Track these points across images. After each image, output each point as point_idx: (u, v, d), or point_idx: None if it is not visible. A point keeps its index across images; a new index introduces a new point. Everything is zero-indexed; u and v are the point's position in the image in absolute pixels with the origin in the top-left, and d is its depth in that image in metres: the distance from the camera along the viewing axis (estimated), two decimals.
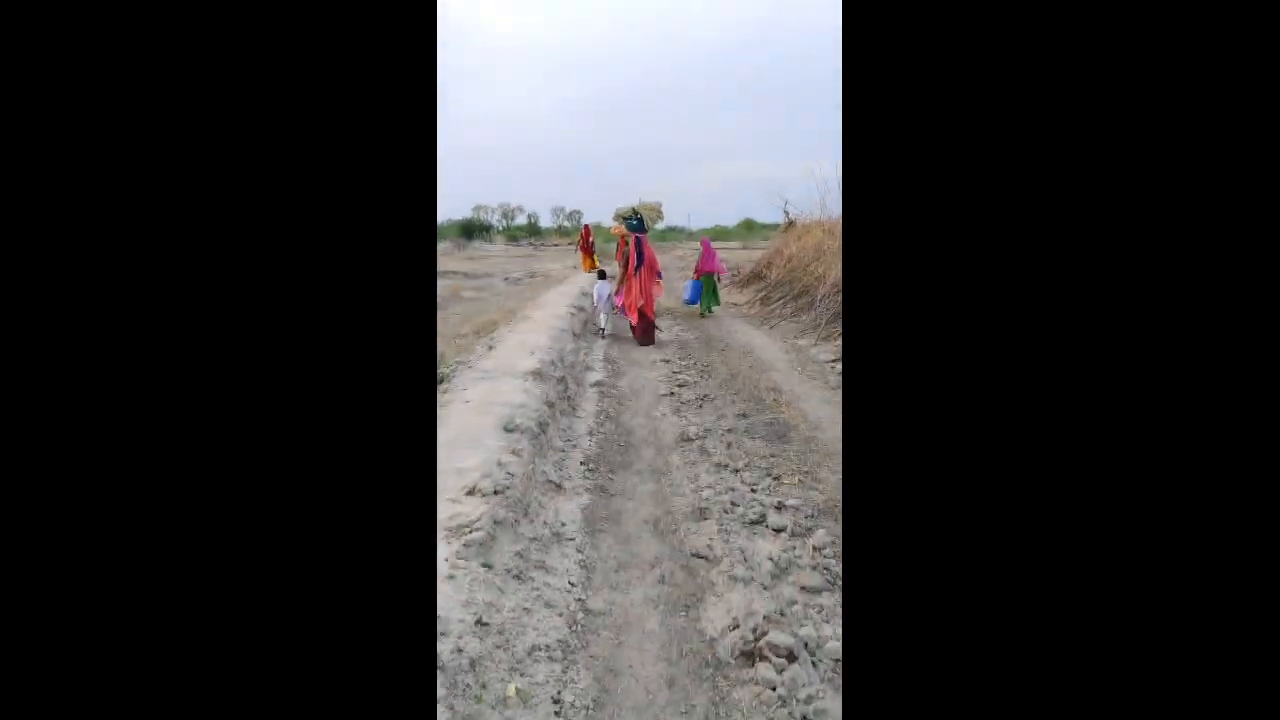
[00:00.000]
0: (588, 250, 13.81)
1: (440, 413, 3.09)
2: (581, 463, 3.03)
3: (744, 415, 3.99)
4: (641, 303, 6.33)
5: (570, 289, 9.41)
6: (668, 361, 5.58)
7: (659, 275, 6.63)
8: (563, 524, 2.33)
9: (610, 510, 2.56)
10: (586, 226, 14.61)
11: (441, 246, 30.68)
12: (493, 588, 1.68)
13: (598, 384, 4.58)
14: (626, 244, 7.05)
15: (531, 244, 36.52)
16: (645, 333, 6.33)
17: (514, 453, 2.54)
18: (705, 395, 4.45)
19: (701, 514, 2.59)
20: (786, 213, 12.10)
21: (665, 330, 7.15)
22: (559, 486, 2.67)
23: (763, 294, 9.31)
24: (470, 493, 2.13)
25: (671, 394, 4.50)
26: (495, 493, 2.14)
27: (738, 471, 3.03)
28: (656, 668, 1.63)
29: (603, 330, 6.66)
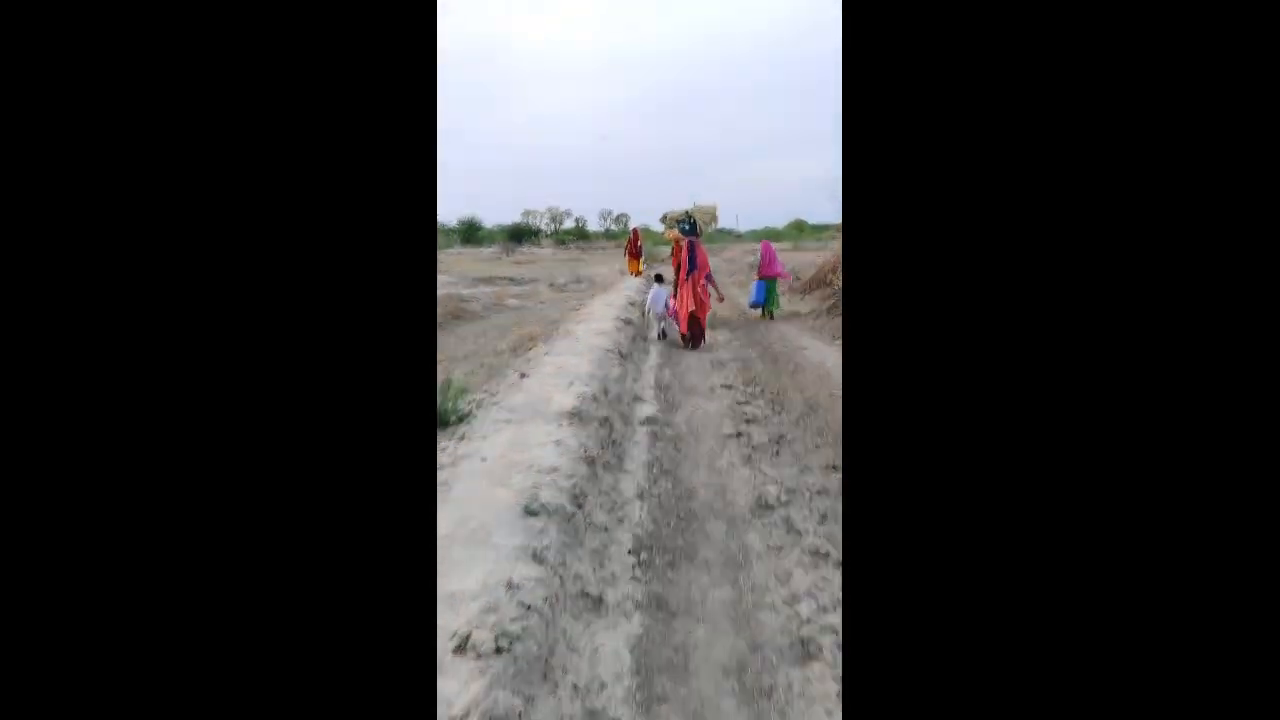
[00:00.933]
0: (635, 254, 13.41)
1: (446, 477, 2.38)
2: (630, 551, 2.24)
3: (835, 468, 3.12)
4: (693, 307, 6.21)
5: (617, 297, 8.69)
6: (730, 388, 4.74)
7: (711, 280, 6.50)
8: (603, 684, 1.54)
9: (672, 648, 1.76)
10: (635, 230, 14.25)
11: (490, 251, 31.11)
12: None
13: (649, 421, 3.79)
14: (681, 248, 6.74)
15: (579, 248, 37.03)
16: (695, 338, 6.26)
17: (535, 558, 1.78)
18: (780, 436, 3.60)
19: (805, 650, 1.77)
20: None
21: (724, 347, 6.34)
22: (598, 601, 1.89)
23: (830, 303, 8.32)
24: (460, 648, 1.38)
25: (739, 434, 3.66)
26: (498, 650, 1.38)
27: None
28: None
29: (662, 332, 6.58)
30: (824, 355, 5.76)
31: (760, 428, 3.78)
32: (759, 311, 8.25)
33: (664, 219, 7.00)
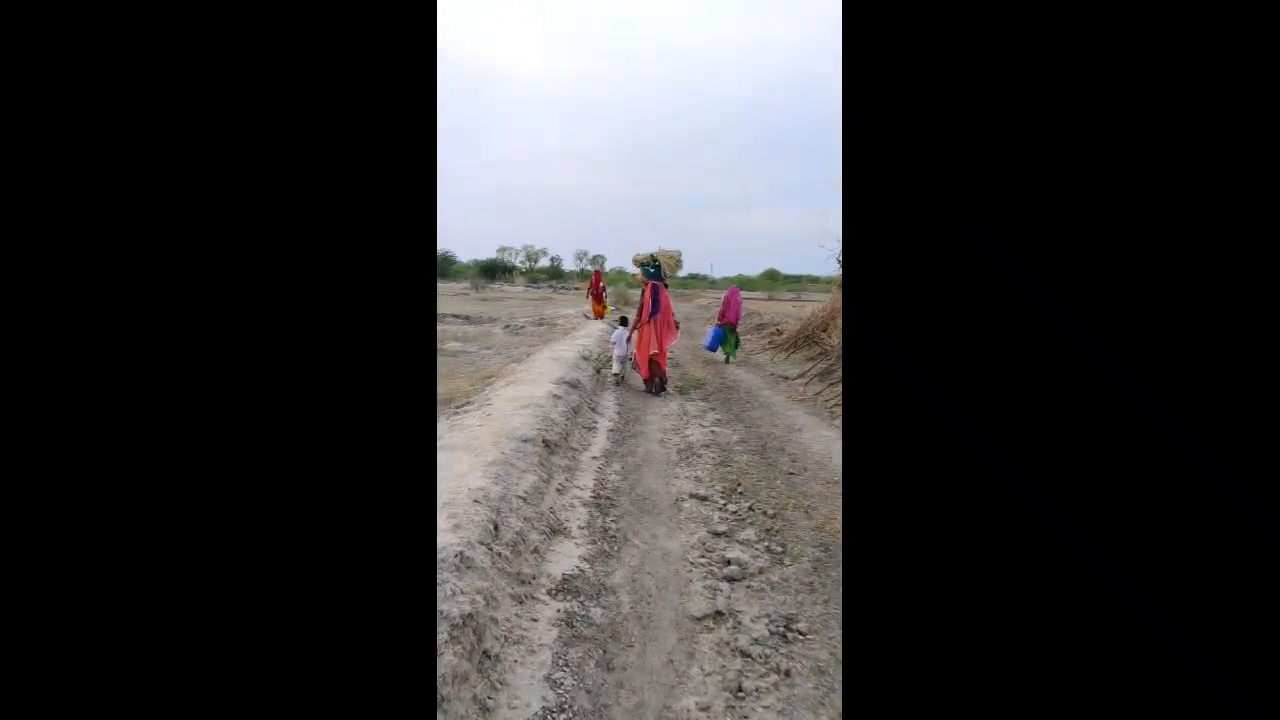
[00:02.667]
0: (598, 296, 12.35)
1: None
2: None
3: None
4: (654, 351, 6.02)
5: (570, 350, 7.22)
6: (705, 500, 3.25)
7: (676, 326, 6.32)
8: None
9: None
10: (597, 272, 13.40)
11: (460, 286, 29.52)
12: None
13: (566, 588, 2.25)
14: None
15: (551, 286, 36.32)
16: (655, 383, 6.09)
17: None
18: (789, 620, 2.12)
19: None
20: (840, 263, 9.82)
21: (695, 421, 4.86)
22: None
23: (823, 367, 6.99)
24: None
25: (717, 614, 2.17)
26: None
27: None
28: None
29: (620, 377, 6.38)
30: (827, 445, 4.34)
31: (752, 596, 2.30)
32: (721, 355, 8.50)
33: (636, 262, 6.59)
